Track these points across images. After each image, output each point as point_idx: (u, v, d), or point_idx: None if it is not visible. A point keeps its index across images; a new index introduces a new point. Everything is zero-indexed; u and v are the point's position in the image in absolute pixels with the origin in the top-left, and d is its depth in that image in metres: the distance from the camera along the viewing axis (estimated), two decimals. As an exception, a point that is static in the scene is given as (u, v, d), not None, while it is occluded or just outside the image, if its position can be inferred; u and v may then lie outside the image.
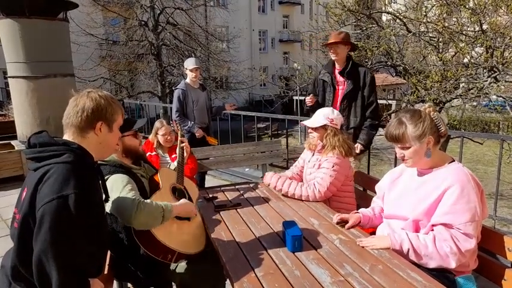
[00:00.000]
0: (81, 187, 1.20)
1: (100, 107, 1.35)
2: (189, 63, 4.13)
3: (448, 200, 1.54)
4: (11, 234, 1.30)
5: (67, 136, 1.35)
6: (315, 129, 2.42)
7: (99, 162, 1.61)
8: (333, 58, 3.14)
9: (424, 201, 1.61)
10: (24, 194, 1.26)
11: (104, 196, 1.46)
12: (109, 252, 1.83)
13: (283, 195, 2.41)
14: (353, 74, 3.10)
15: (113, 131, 1.41)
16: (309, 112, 3.24)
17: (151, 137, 3.23)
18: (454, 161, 1.68)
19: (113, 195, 1.62)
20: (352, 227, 1.87)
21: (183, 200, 1.87)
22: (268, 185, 2.54)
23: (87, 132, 1.35)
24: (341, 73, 3.13)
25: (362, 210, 2.00)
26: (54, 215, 1.13)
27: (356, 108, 3.13)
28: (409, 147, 1.64)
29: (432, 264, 1.55)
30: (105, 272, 1.74)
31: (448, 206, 1.53)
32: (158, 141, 3.18)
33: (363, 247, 1.64)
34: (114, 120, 1.41)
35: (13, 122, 7.47)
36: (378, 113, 3.26)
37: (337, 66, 3.18)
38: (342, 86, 3.16)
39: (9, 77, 6.99)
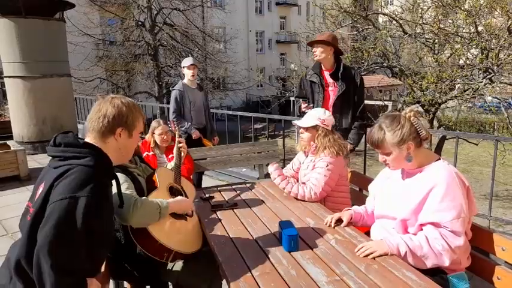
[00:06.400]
0: (95, 192, 1.21)
1: (121, 113, 1.40)
2: (186, 61, 4.14)
3: (434, 199, 1.55)
4: (21, 226, 1.31)
5: (88, 140, 1.38)
6: (306, 129, 2.44)
7: None
8: (316, 58, 3.14)
9: (411, 201, 1.62)
10: (41, 189, 1.27)
11: (119, 202, 1.48)
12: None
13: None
14: (345, 76, 3.13)
15: (133, 137, 1.46)
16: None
17: (148, 136, 3.22)
18: (439, 159, 1.69)
19: None
20: (348, 224, 1.89)
21: (179, 197, 1.88)
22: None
23: (108, 137, 1.39)
24: (333, 75, 3.14)
25: (355, 207, 2.01)
26: (61, 213, 1.14)
27: (348, 109, 3.16)
28: (389, 153, 1.66)
29: (428, 264, 1.56)
30: (102, 270, 1.74)
31: (433, 205, 1.55)
32: (155, 141, 3.18)
33: (358, 250, 1.63)
34: (135, 126, 1.45)
35: (9, 122, 7.43)
36: (365, 114, 3.34)
37: (323, 67, 3.19)
38: (332, 88, 3.17)
39: (5, 76, 6.95)
